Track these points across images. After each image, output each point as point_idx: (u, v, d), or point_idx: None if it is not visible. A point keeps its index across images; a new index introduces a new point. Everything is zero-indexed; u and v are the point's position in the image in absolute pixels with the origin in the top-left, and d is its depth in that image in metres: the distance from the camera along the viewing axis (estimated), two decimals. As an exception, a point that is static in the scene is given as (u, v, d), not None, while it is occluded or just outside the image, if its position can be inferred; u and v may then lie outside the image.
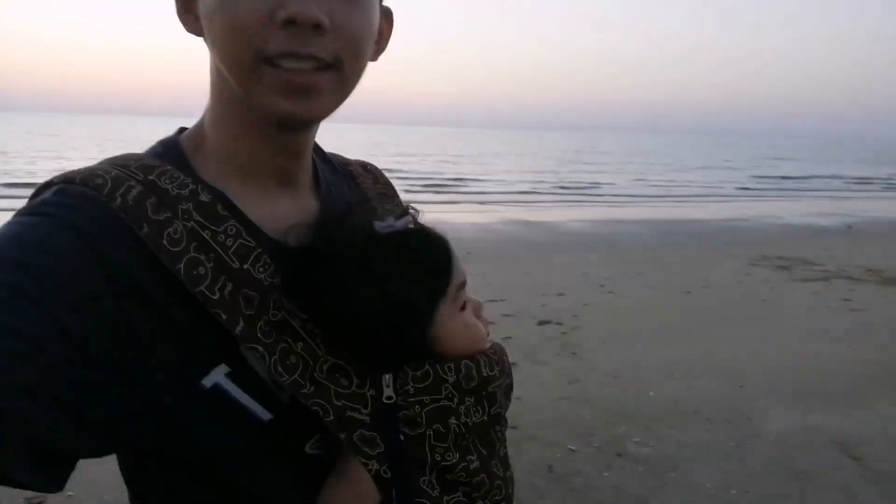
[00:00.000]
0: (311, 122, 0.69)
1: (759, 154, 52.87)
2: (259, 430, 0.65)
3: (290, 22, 0.59)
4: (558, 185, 20.41)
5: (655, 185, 21.12)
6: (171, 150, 0.72)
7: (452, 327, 0.70)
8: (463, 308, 0.72)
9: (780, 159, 44.53)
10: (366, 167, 0.93)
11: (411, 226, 0.70)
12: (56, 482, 0.56)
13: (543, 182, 20.97)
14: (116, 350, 0.58)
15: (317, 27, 0.60)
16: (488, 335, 0.75)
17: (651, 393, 3.81)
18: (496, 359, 0.72)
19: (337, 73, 0.65)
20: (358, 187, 0.87)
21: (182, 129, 0.76)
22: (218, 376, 0.63)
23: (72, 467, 0.58)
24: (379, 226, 0.69)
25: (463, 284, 0.72)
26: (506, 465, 0.74)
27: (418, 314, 0.67)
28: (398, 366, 0.67)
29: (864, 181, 26.51)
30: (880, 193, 21.18)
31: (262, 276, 0.65)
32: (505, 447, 0.75)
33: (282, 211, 0.73)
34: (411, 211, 0.73)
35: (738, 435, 3.26)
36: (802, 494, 2.79)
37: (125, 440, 0.63)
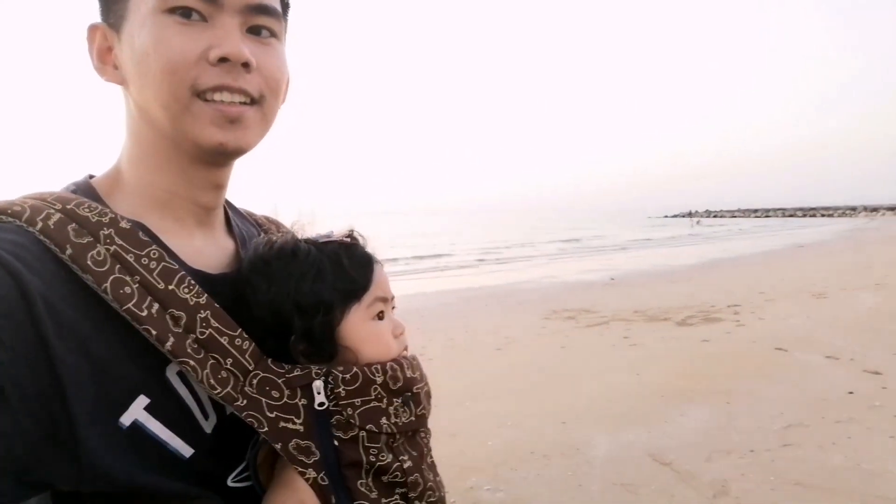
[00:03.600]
0: (240, 152, 0.73)
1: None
2: (181, 467, 0.65)
3: (223, 60, 0.67)
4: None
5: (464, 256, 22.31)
6: (84, 189, 0.73)
7: (362, 331, 0.75)
8: (380, 320, 0.78)
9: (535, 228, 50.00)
10: (268, 219, 1.00)
11: (346, 240, 0.79)
12: None
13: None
14: (34, 383, 0.55)
15: (245, 65, 0.68)
16: (405, 353, 0.81)
17: (489, 443, 4.00)
18: (416, 364, 0.79)
19: (260, 109, 0.72)
20: (266, 234, 0.92)
21: (91, 176, 0.76)
22: (137, 412, 0.62)
23: None
24: (317, 235, 0.80)
25: (384, 300, 0.79)
26: (435, 472, 0.78)
27: (327, 307, 0.73)
28: (308, 355, 0.72)
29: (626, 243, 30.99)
30: (633, 252, 24.89)
31: (188, 296, 0.66)
32: (431, 456, 0.79)
33: (200, 245, 0.77)
34: (354, 233, 0.82)
35: (572, 464, 3.55)
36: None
37: (42, 484, 0.58)
